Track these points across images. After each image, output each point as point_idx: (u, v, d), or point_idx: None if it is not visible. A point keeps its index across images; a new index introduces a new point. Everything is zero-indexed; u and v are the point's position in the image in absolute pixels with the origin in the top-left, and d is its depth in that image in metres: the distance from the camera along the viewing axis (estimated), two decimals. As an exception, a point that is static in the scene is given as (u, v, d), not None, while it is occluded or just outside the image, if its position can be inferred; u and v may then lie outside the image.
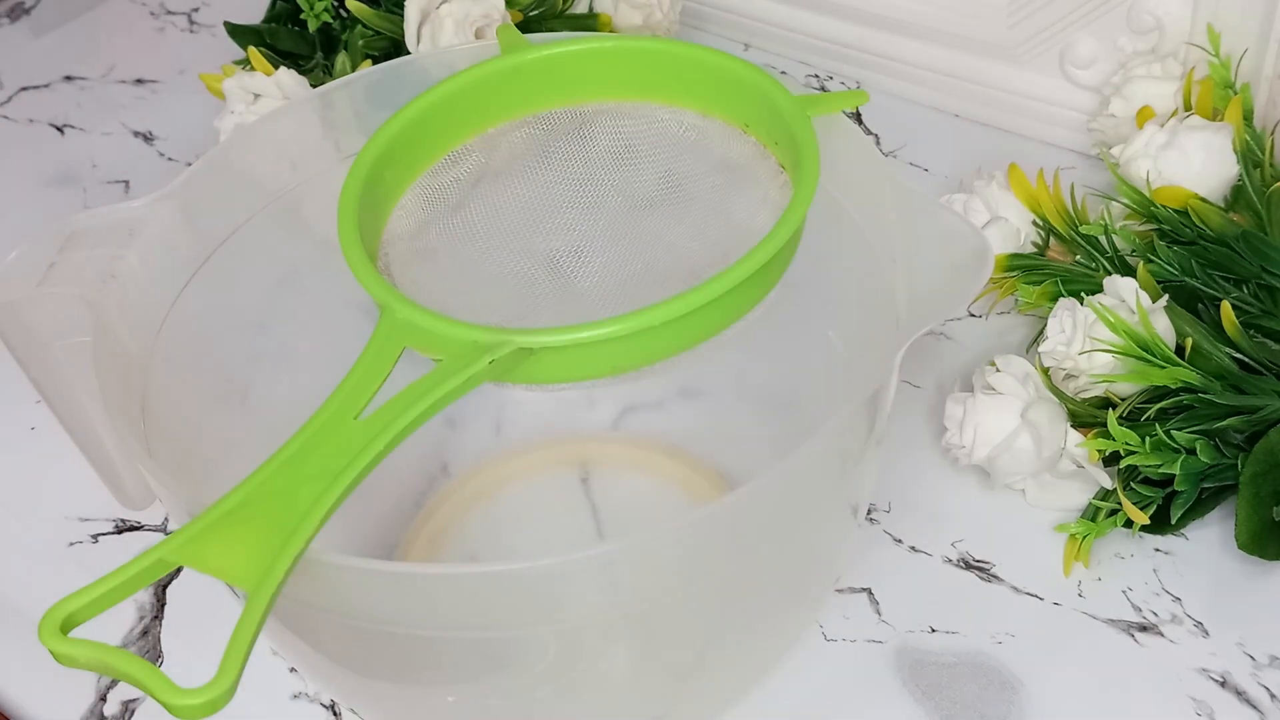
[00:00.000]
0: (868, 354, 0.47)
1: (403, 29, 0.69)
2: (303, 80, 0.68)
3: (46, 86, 0.85)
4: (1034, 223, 0.61)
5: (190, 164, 0.76)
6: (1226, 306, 0.53)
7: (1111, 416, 0.51)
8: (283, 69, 0.69)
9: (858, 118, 0.75)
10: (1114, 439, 0.51)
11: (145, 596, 0.55)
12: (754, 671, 0.48)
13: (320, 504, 0.34)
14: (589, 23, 0.73)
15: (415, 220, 0.45)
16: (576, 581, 0.37)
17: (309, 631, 0.42)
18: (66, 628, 0.33)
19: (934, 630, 0.52)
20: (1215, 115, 0.60)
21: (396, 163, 0.45)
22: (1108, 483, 0.52)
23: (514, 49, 0.47)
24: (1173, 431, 0.51)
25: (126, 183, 0.76)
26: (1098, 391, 0.54)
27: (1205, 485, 0.52)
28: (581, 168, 0.47)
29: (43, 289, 0.43)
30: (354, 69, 0.71)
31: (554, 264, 0.46)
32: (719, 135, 0.46)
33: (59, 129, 0.81)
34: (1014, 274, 0.59)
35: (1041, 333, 0.56)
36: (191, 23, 0.89)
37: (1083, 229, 0.59)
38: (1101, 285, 0.55)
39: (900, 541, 0.55)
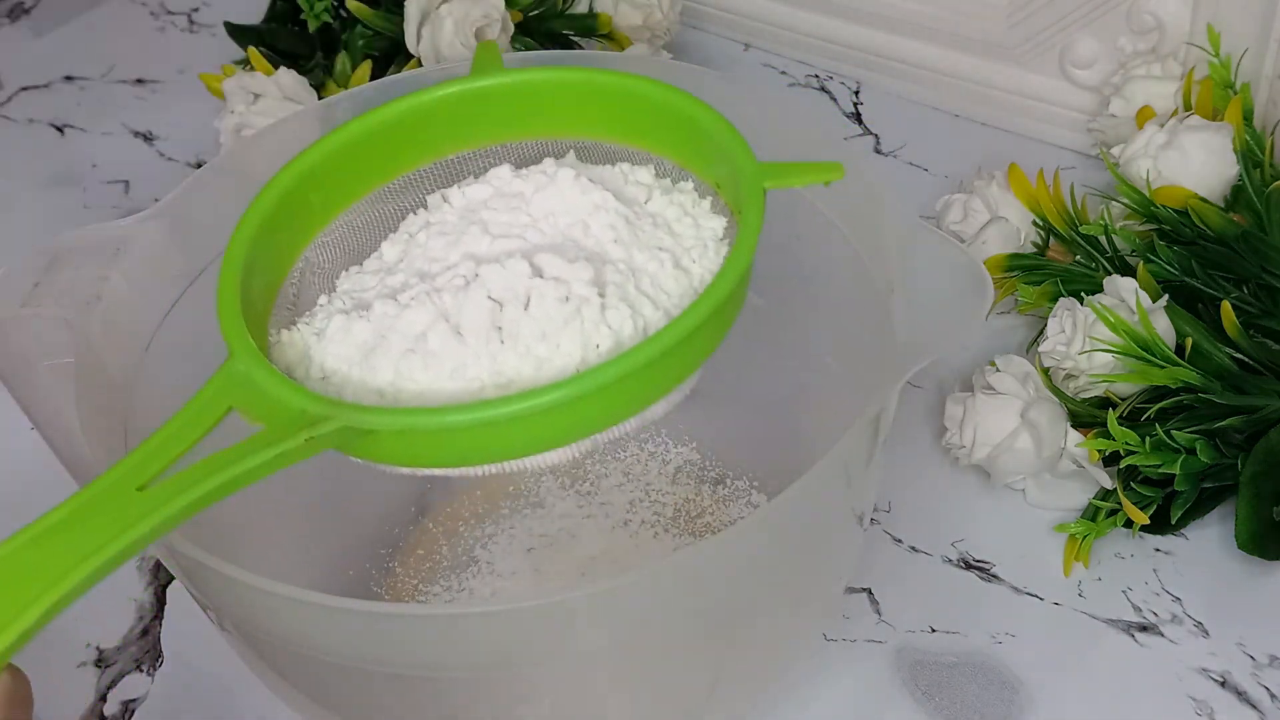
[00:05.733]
0: (866, 378, 0.47)
1: (403, 29, 0.69)
2: (303, 80, 0.68)
3: (46, 86, 0.84)
4: (1034, 223, 0.61)
5: (190, 164, 0.77)
6: (1226, 306, 0.53)
7: (1111, 416, 0.51)
8: (283, 69, 0.69)
9: (857, 119, 0.75)
10: (1114, 439, 0.51)
11: (146, 596, 0.55)
12: (763, 684, 0.48)
13: (66, 579, 0.31)
14: (589, 22, 0.73)
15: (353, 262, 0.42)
16: (580, 617, 0.37)
17: (302, 675, 0.42)
18: None
19: (934, 630, 0.52)
20: (1215, 115, 0.60)
21: (323, 186, 0.41)
22: (1108, 483, 0.52)
23: (485, 70, 0.43)
24: (1173, 431, 0.51)
25: (126, 183, 0.76)
26: (1098, 391, 0.54)
27: (1205, 485, 0.52)
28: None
29: (26, 310, 0.43)
30: (354, 69, 0.71)
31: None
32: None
33: (59, 129, 0.81)
34: (1014, 274, 0.59)
35: (1041, 333, 0.56)
36: (191, 23, 0.89)
37: (1083, 229, 0.59)
38: (1101, 285, 0.55)
39: (900, 541, 0.55)
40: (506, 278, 0.37)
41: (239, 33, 0.75)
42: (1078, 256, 0.59)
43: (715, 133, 0.39)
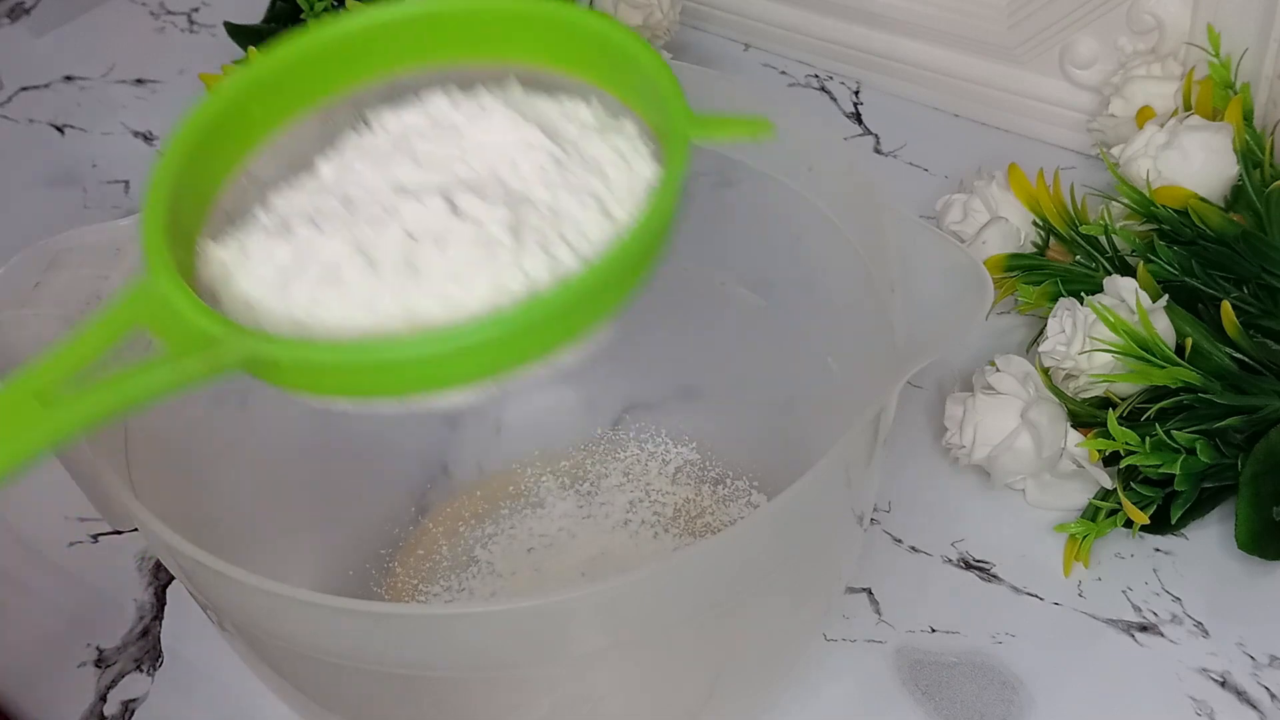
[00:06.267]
0: (866, 378, 0.47)
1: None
2: (303, 80, 0.68)
3: (46, 86, 0.84)
4: (1034, 223, 0.61)
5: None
6: (1226, 306, 0.53)
7: (1111, 416, 0.51)
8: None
9: (857, 118, 0.75)
10: (1114, 439, 0.51)
11: (146, 596, 0.55)
12: (764, 684, 0.48)
13: None
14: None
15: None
16: (581, 617, 0.37)
17: (302, 675, 0.42)
18: None
19: (934, 630, 0.52)
20: (1215, 115, 0.60)
21: (265, 99, 0.40)
22: (1108, 483, 0.52)
23: None
24: (1173, 431, 0.51)
25: (126, 183, 0.76)
26: (1098, 391, 0.54)
27: (1205, 485, 0.52)
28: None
29: (26, 310, 0.42)
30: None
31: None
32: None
33: (59, 129, 0.81)
34: (1014, 274, 0.59)
35: (1041, 333, 0.56)
36: (191, 23, 0.89)
37: (1083, 229, 0.59)
38: (1101, 285, 0.55)
39: (900, 541, 0.55)
40: (423, 214, 0.36)
41: (239, 33, 0.75)
42: (1078, 256, 0.59)
43: (650, 73, 0.38)
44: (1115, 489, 0.52)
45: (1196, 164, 0.58)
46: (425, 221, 0.36)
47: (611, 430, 0.58)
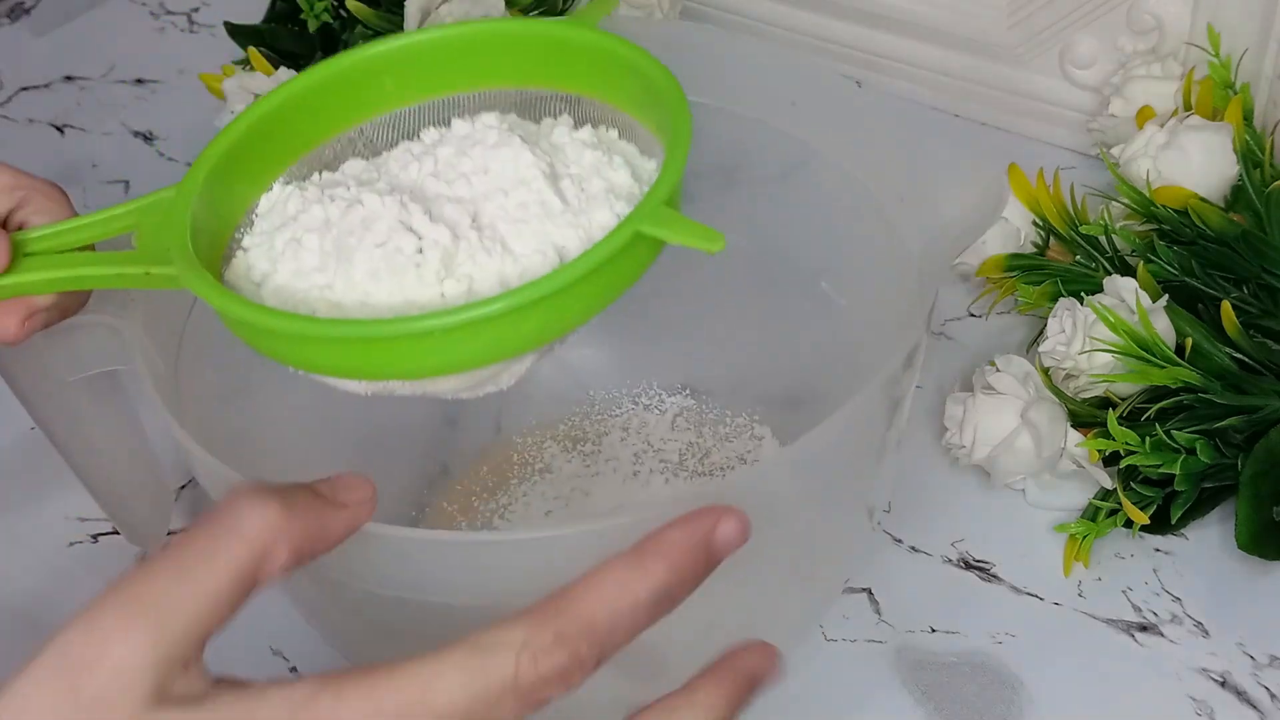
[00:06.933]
0: (860, 297, 0.47)
1: (403, 29, 0.69)
2: (303, 80, 0.68)
3: (46, 86, 0.84)
4: (1034, 223, 0.61)
5: (190, 164, 0.77)
6: (1226, 306, 0.53)
7: (1111, 416, 0.51)
8: (283, 69, 0.69)
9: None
10: (1114, 439, 0.51)
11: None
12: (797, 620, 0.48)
13: None
14: (589, 23, 0.73)
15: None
16: (591, 556, 0.37)
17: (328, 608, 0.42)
18: None
19: (934, 630, 0.52)
20: (1215, 115, 0.60)
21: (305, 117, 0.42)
22: (1108, 483, 0.52)
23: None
24: (1173, 431, 0.51)
25: (126, 183, 0.76)
26: (1098, 391, 0.54)
27: (1205, 485, 0.52)
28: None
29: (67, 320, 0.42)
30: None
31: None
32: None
33: (59, 129, 0.81)
34: (1014, 274, 0.59)
35: (1041, 333, 0.56)
36: (191, 23, 0.89)
37: (1083, 229, 0.59)
38: (1101, 285, 0.55)
39: (900, 541, 0.55)
40: (390, 231, 0.38)
41: (239, 33, 0.75)
42: (1078, 256, 0.59)
43: (650, 80, 0.39)
44: (1115, 489, 0.52)
45: (1196, 164, 0.57)
46: (389, 239, 0.37)
47: (603, 389, 0.59)
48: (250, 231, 0.40)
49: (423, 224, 0.37)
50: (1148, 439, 0.51)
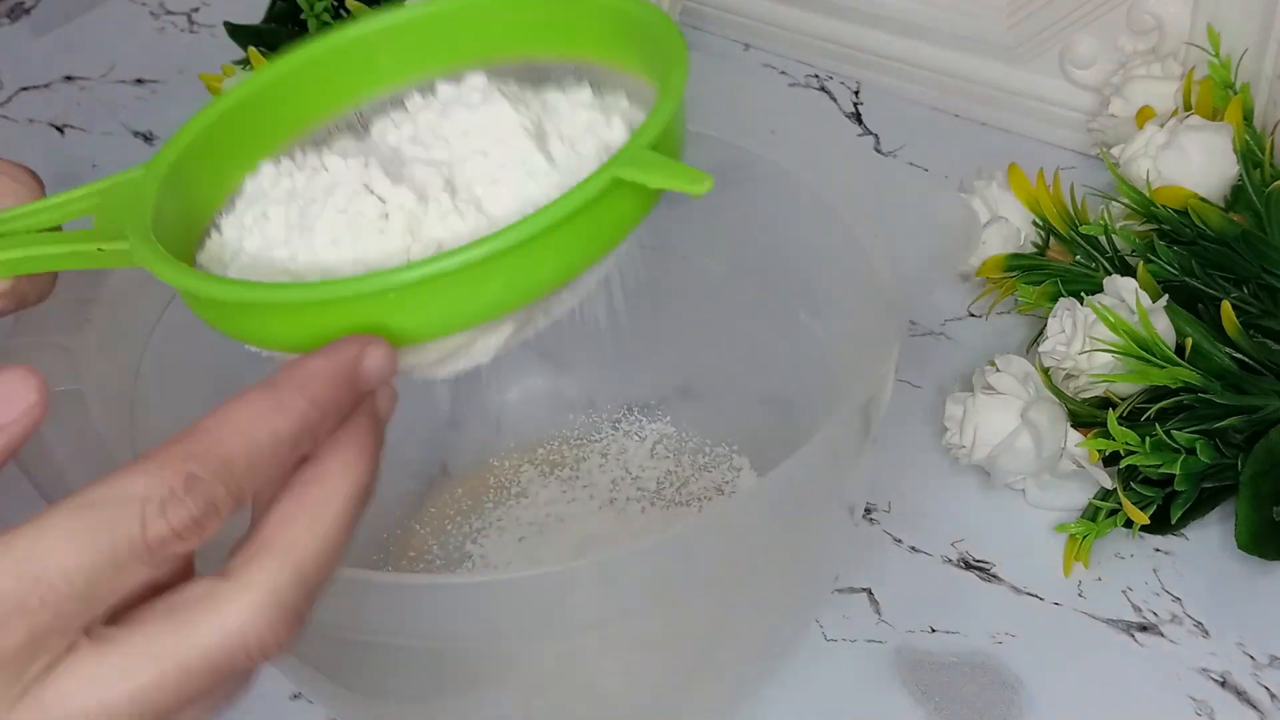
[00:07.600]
0: (842, 328, 0.47)
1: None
2: (302, 80, 0.68)
3: (46, 86, 0.84)
4: (1034, 223, 0.61)
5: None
6: (1226, 306, 0.53)
7: (1111, 416, 0.51)
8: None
9: (857, 118, 0.75)
10: (1114, 439, 0.51)
11: (145, 596, 0.55)
12: (754, 673, 0.48)
13: None
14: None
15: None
16: (573, 590, 0.37)
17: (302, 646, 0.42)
18: None
19: (934, 630, 0.52)
20: (1215, 115, 0.60)
21: (295, 94, 0.40)
22: (1108, 483, 0.52)
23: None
24: (1173, 431, 0.51)
25: (126, 183, 0.76)
26: (1098, 391, 0.54)
27: (1205, 485, 0.52)
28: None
29: (13, 340, 0.42)
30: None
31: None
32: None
33: (59, 129, 0.81)
34: (1014, 274, 0.59)
35: (1041, 333, 0.56)
36: (191, 23, 0.89)
37: (1083, 229, 0.59)
38: (1101, 285, 0.55)
39: (900, 541, 0.55)
40: (352, 196, 0.36)
41: (239, 33, 0.75)
42: (1078, 256, 0.59)
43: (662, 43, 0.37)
44: (1115, 489, 0.52)
45: (1196, 164, 0.58)
46: (355, 204, 0.36)
47: (584, 414, 0.59)
48: (231, 213, 0.38)
49: (384, 186, 0.35)
50: (1148, 439, 0.51)
